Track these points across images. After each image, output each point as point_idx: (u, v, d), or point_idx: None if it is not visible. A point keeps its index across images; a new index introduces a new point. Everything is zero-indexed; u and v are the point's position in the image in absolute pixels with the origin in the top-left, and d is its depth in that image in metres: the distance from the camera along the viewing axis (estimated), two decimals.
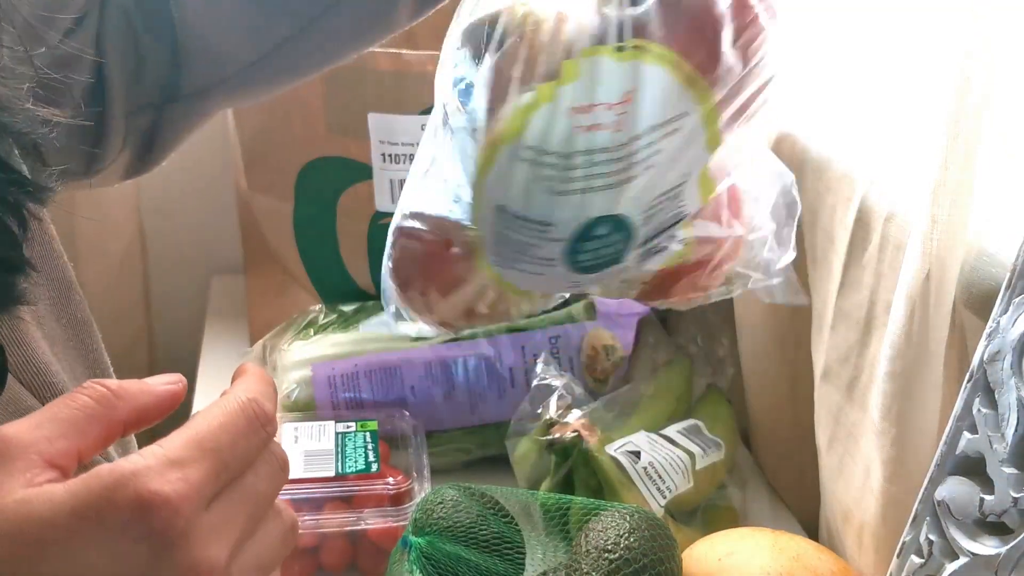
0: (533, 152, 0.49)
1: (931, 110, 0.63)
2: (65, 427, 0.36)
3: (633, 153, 0.50)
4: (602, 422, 0.88)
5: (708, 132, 0.52)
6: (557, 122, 0.49)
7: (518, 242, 0.52)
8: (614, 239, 0.53)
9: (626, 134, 0.50)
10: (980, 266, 0.62)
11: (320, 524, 0.81)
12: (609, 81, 0.49)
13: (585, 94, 0.49)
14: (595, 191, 0.50)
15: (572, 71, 0.49)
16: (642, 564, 0.68)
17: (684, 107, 0.51)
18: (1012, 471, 0.55)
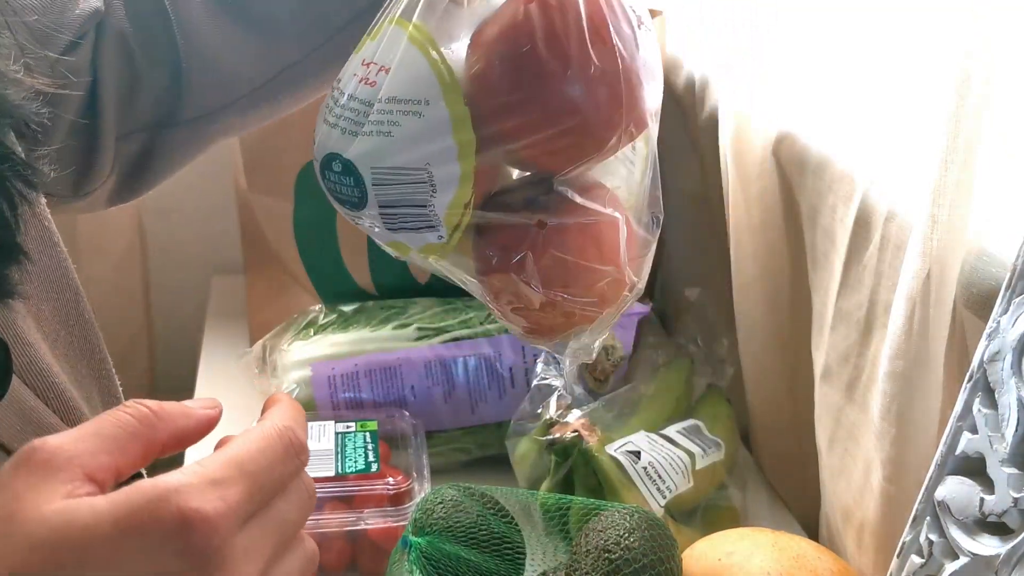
0: (331, 98, 0.58)
1: (931, 110, 0.63)
2: (108, 443, 0.37)
3: (368, 113, 0.56)
4: (602, 422, 0.88)
5: (456, 133, 0.56)
6: (352, 66, 0.57)
7: (334, 188, 0.59)
8: (345, 182, 0.59)
9: (372, 94, 0.56)
10: (980, 266, 0.62)
11: (320, 524, 0.81)
12: (390, 49, 0.56)
13: (373, 53, 0.56)
14: (338, 129, 0.57)
15: (377, 31, 0.56)
16: (642, 564, 0.68)
17: (427, 94, 0.56)
18: (1012, 471, 0.55)
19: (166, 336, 1.46)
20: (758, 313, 0.92)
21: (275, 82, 0.62)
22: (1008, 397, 0.55)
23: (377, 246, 0.62)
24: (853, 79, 0.80)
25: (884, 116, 0.77)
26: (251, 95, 0.62)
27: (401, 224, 0.59)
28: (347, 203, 0.59)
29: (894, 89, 0.76)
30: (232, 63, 0.61)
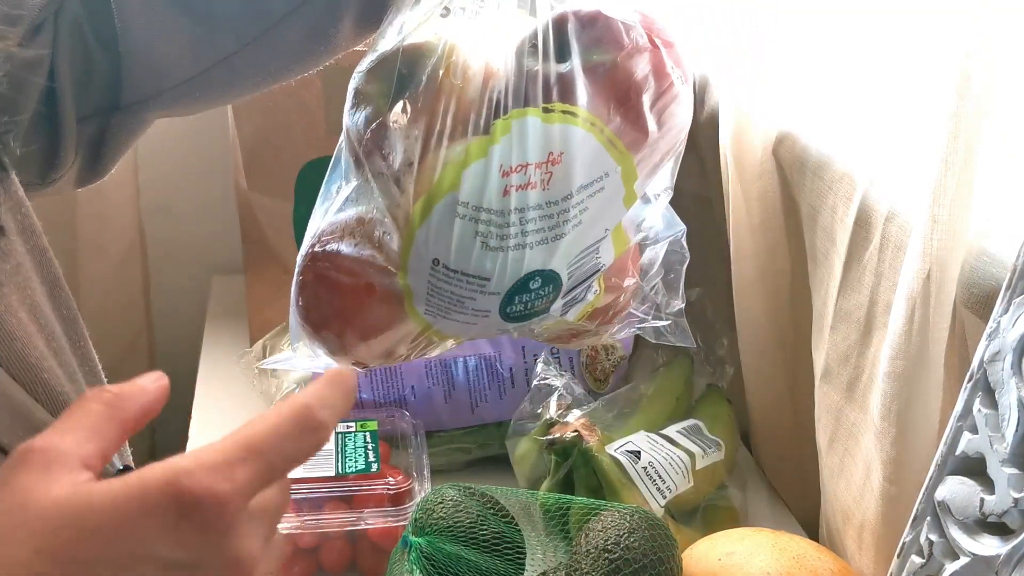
0: (469, 209, 0.51)
1: (931, 110, 0.63)
2: (88, 432, 0.39)
3: (565, 211, 0.53)
4: (602, 422, 0.88)
5: (626, 190, 0.55)
6: (490, 180, 0.51)
7: (453, 294, 0.54)
8: (545, 292, 0.55)
9: (558, 193, 0.52)
10: (980, 266, 0.62)
11: (320, 524, 0.81)
12: (538, 142, 0.52)
13: (516, 154, 0.51)
14: (530, 247, 0.53)
15: (503, 130, 0.51)
16: (642, 564, 0.68)
17: (606, 167, 0.54)
18: (1013, 471, 0.55)
19: (166, 336, 1.46)
20: (758, 313, 0.92)
21: (210, 73, 0.61)
22: (1008, 397, 0.55)
23: None
24: (853, 79, 0.80)
25: (884, 116, 0.77)
26: (185, 84, 0.61)
27: (572, 302, 0.58)
28: (536, 313, 0.56)
29: (894, 89, 0.76)
30: (165, 51, 0.60)
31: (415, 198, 0.52)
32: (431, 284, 0.53)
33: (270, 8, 0.60)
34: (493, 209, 0.51)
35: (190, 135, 1.30)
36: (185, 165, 1.36)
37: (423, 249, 0.52)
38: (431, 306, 0.55)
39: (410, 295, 0.55)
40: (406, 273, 0.53)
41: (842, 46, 0.81)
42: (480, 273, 0.52)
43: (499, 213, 0.51)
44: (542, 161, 0.51)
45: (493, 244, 0.52)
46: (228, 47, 0.61)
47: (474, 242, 0.52)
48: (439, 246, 0.52)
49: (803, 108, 0.84)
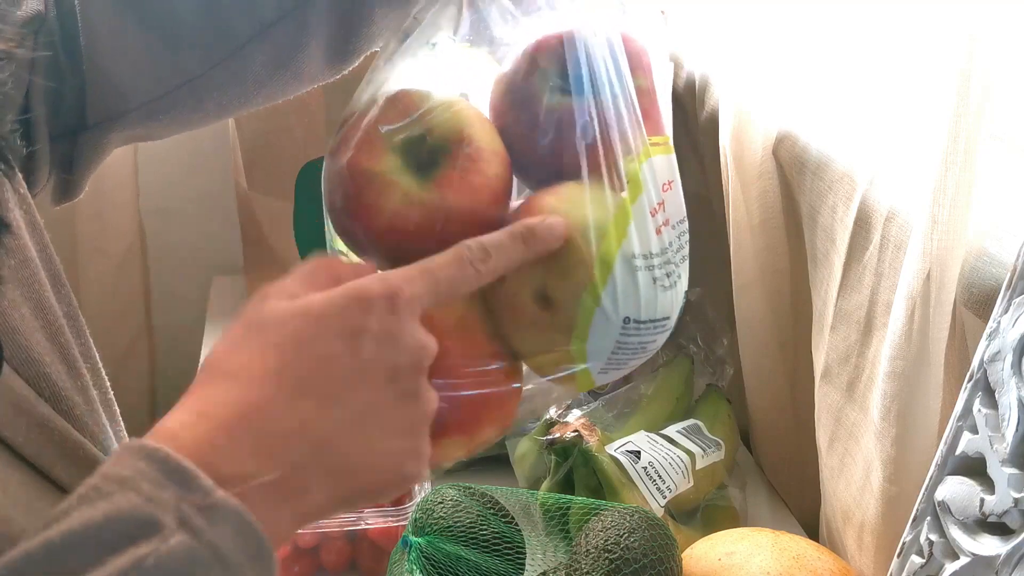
0: (642, 259, 0.52)
1: (931, 110, 0.63)
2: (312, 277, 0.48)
3: (685, 232, 0.55)
4: (602, 422, 0.88)
5: None
6: (648, 224, 0.52)
7: (640, 344, 0.54)
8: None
9: (677, 217, 0.54)
10: (980, 266, 0.62)
11: (320, 524, 0.81)
12: (660, 176, 0.53)
13: (654, 194, 0.53)
14: (682, 276, 0.55)
15: (638, 174, 0.52)
16: (642, 564, 0.68)
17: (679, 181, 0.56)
18: (1012, 471, 0.55)
19: (166, 336, 1.46)
20: (758, 313, 0.92)
21: (174, 95, 0.61)
22: (1008, 397, 0.55)
23: None
24: (853, 79, 0.80)
25: (884, 116, 0.77)
26: (149, 105, 0.61)
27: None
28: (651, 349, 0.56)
29: (894, 89, 0.76)
30: (129, 71, 0.60)
31: (590, 261, 0.51)
32: (619, 343, 0.53)
33: (235, 31, 0.59)
34: (656, 252, 0.52)
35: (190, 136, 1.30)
36: (185, 166, 1.36)
37: (612, 311, 0.52)
38: (611, 363, 0.54)
39: (583, 359, 0.54)
40: (585, 340, 0.53)
41: (842, 46, 0.81)
42: (664, 314, 0.54)
43: (661, 253, 0.53)
44: (663, 193, 0.53)
45: (666, 284, 0.53)
46: (192, 70, 0.61)
47: (655, 289, 0.52)
48: (628, 303, 0.52)
49: (803, 108, 0.84)
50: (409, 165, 0.52)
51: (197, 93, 0.62)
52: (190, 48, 0.60)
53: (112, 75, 0.60)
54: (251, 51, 0.60)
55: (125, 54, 0.59)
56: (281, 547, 0.46)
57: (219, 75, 0.61)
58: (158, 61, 0.60)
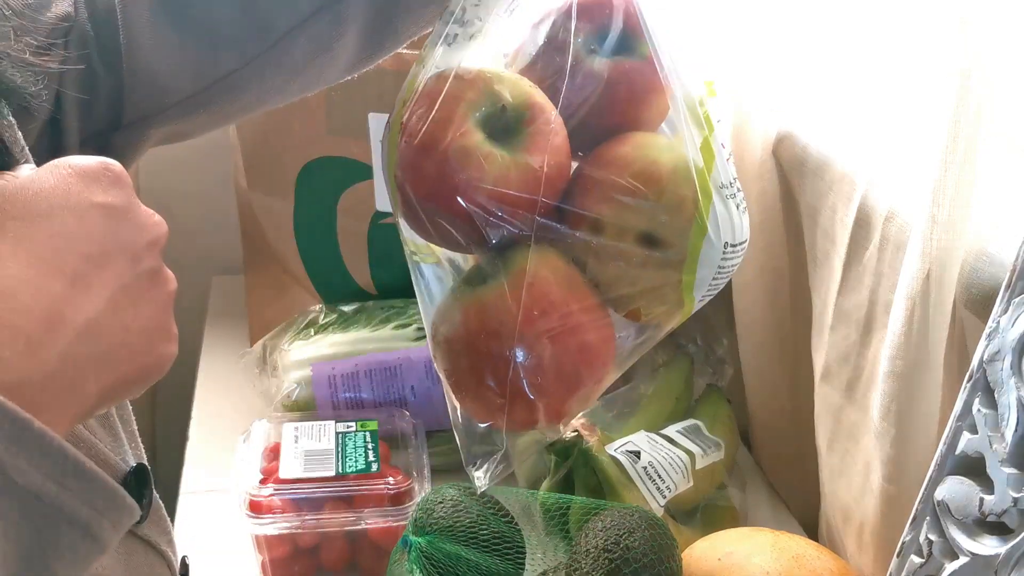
0: (726, 188, 0.57)
1: (931, 110, 0.63)
2: None
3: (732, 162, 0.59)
4: (602, 422, 0.88)
5: None
6: (723, 159, 0.57)
7: (732, 266, 0.59)
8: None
9: (730, 148, 0.59)
10: (980, 266, 0.62)
11: (320, 524, 0.81)
12: (717, 114, 0.58)
13: (719, 130, 0.57)
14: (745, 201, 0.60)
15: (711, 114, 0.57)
16: (642, 564, 0.68)
17: None
18: (1012, 471, 0.55)
19: None
20: (758, 313, 0.92)
21: (212, 89, 0.62)
22: (1008, 397, 0.55)
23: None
24: (853, 79, 0.80)
25: (884, 116, 0.77)
26: (187, 100, 0.62)
27: None
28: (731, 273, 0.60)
29: (894, 89, 0.76)
30: (168, 68, 0.60)
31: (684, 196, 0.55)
32: (720, 267, 0.57)
33: (273, 25, 0.60)
34: (732, 181, 0.57)
35: None
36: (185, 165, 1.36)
37: (716, 239, 0.56)
38: (710, 288, 0.59)
39: (691, 290, 0.58)
40: (695, 271, 0.57)
41: (842, 46, 0.81)
42: (745, 237, 0.58)
43: (734, 182, 0.57)
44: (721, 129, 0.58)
45: (743, 208, 0.58)
46: (231, 64, 0.61)
47: (740, 214, 0.57)
48: (726, 229, 0.56)
49: (803, 108, 0.84)
50: (495, 136, 0.55)
51: (236, 86, 0.62)
52: (229, 43, 0.60)
53: (151, 73, 0.60)
54: (289, 43, 0.61)
55: (164, 52, 0.60)
56: None
57: (257, 68, 0.61)
58: (197, 57, 0.60)
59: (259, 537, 0.81)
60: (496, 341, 0.56)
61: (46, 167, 0.43)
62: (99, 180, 0.43)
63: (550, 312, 0.56)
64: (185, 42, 0.60)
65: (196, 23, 0.60)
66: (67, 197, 0.42)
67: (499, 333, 0.56)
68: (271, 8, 0.60)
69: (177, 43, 0.60)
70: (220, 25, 0.60)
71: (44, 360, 0.39)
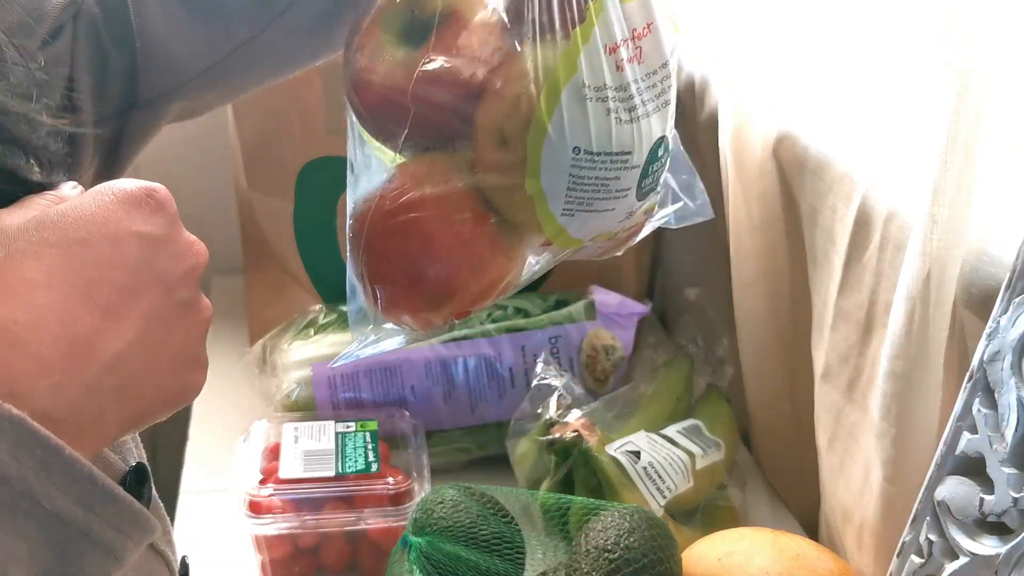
0: (592, 90, 0.53)
1: (931, 110, 0.63)
2: None
3: (667, 77, 0.56)
4: (602, 422, 0.88)
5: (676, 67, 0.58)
6: (601, 59, 0.53)
7: (598, 179, 0.54)
8: (664, 159, 0.57)
9: (656, 62, 0.55)
10: (980, 266, 0.62)
11: (320, 524, 0.81)
12: (626, 17, 0.54)
13: (618, 30, 0.54)
14: (652, 114, 0.55)
15: (597, 12, 0.53)
16: (642, 564, 0.68)
17: (672, 41, 0.57)
18: (1012, 471, 0.55)
19: None
20: (758, 313, 0.92)
21: (227, 61, 0.62)
22: (1008, 397, 0.55)
23: None
24: (853, 79, 0.80)
25: (884, 116, 0.77)
26: (203, 74, 0.62)
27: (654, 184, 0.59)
28: (655, 185, 0.58)
29: (894, 89, 0.76)
30: (179, 46, 0.61)
31: (536, 93, 0.52)
32: (573, 176, 0.54)
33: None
34: (613, 85, 0.53)
35: (190, 136, 1.30)
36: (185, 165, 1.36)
37: (559, 141, 0.53)
38: (571, 201, 0.55)
39: (542, 199, 0.55)
40: (538, 176, 0.54)
41: (842, 46, 0.81)
42: (622, 148, 0.54)
43: (620, 88, 0.53)
44: (631, 36, 0.54)
45: (624, 118, 0.54)
46: (243, 34, 0.61)
47: (609, 120, 0.53)
48: (577, 133, 0.53)
49: (803, 108, 0.84)
50: (402, 40, 0.55)
51: (250, 56, 0.62)
52: (238, 14, 0.61)
53: (165, 51, 0.60)
54: (296, 10, 0.61)
55: (176, 29, 0.60)
56: None
57: (270, 36, 0.62)
58: (208, 31, 0.61)
59: (259, 537, 0.81)
60: (357, 224, 0.57)
61: (90, 192, 0.43)
62: (141, 207, 0.43)
63: (403, 202, 0.55)
64: (195, 17, 0.60)
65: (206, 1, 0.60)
66: (106, 224, 0.42)
67: (363, 218, 0.57)
68: None
69: (187, 19, 0.60)
70: (230, 2, 0.60)
71: (70, 392, 0.39)
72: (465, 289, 0.57)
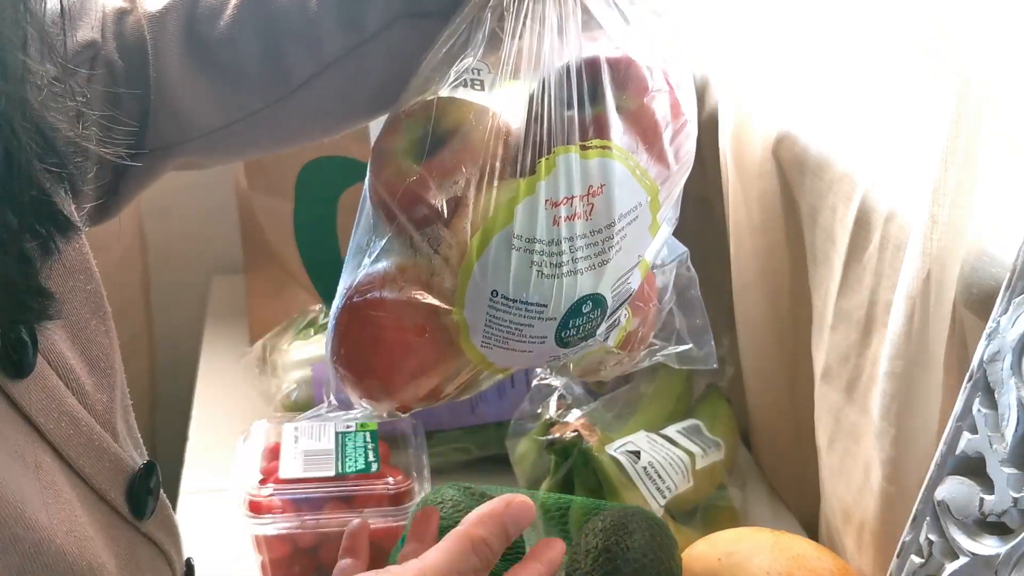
0: (523, 241, 0.55)
1: (931, 110, 0.63)
2: None
3: (609, 238, 0.57)
4: (602, 422, 0.88)
5: (652, 219, 0.60)
6: (540, 212, 0.55)
7: (512, 323, 0.57)
8: (594, 315, 0.59)
9: (601, 222, 0.57)
10: (980, 266, 0.62)
11: (320, 524, 0.81)
12: (579, 175, 0.56)
13: (563, 187, 0.55)
14: (580, 273, 0.57)
15: (548, 167, 0.55)
16: (642, 564, 0.68)
17: (639, 198, 0.58)
18: (1012, 471, 0.55)
19: (166, 336, 1.45)
20: (758, 313, 0.92)
21: (233, 127, 0.63)
22: (1008, 397, 0.55)
23: None
24: (853, 79, 0.80)
25: (884, 116, 0.77)
26: (209, 135, 0.63)
27: (612, 326, 0.62)
28: (586, 337, 0.60)
29: (894, 89, 0.76)
30: (193, 103, 0.62)
31: (472, 234, 0.56)
32: (490, 315, 0.57)
33: (297, 70, 0.61)
34: (545, 240, 0.55)
35: None
36: None
37: (481, 282, 0.56)
38: (488, 337, 0.58)
39: (466, 329, 0.58)
40: (463, 307, 0.57)
41: (842, 46, 0.81)
42: (539, 300, 0.56)
43: (551, 243, 0.56)
44: (584, 193, 0.56)
45: (547, 272, 0.56)
46: (253, 105, 0.63)
47: (530, 271, 0.56)
48: (497, 278, 0.56)
49: (803, 108, 0.84)
50: (414, 146, 0.58)
51: (256, 126, 0.64)
52: (253, 85, 0.62)
53: (177, 107, 0.62)
54: (310, 89, 0.62)
55: (191, 90, 0.62)
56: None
57: (279, 110, 0.63)
58: (222, 96, 0.62)
59: (259, 537, 0.81)
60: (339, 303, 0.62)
61: None
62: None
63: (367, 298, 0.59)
64: (212, 82, 0.62)
65: (223, 65, 0.62)
66: None
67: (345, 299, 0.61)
68: (295, 54, 0.61)
69: (204, 82, 0.62)
70: (245, 67, 0.62)
71: None
72: (404, 390, 0.61)
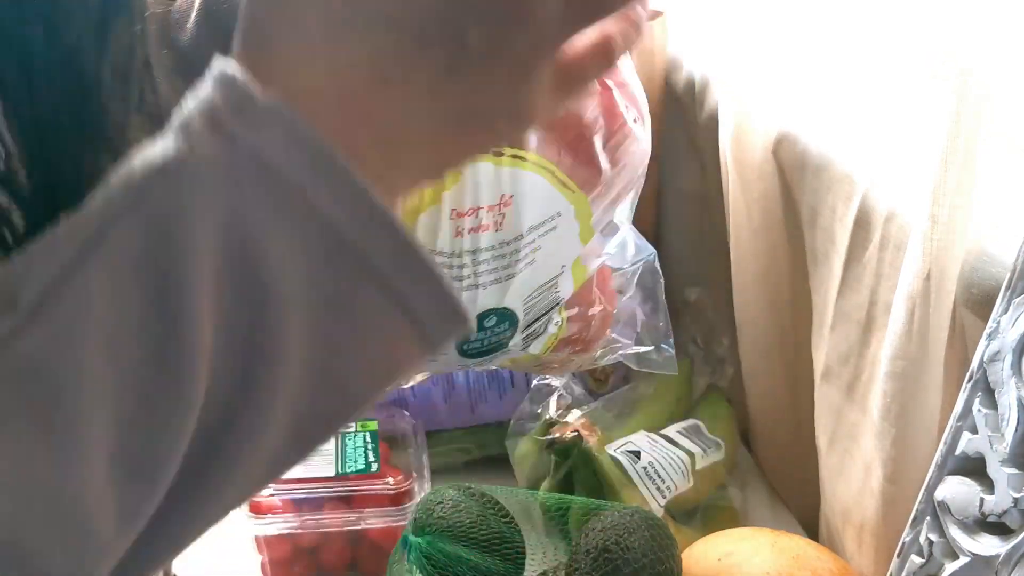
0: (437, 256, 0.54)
1: (931, 110, 0.63)
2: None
3: (517, 251, 0.55)
4: (602, 422, 0.88)
5: (581, 227, 0.57)
6: (443, 223, 0.53)
7: None
8: (500, 329, 0.58)
9: (509, 234, 0.54)
10: (980, 266, 0.62)
11: (320, 524, 0.81)
12: (488, 185, 0.53)
13: (468, 198, 0.53)
14: (483, 287, 0.55)
15: (454, 176, 0.52)
16: (642, 564, 0.68)
17: (558, 207, 0.55)
18: (1012, 471, 0.55)
19: None
20: (758, 313, 0.92)
21: None
22: (1008, 397, 0.55)
23: None
24: (853, 79, 0.80)
25: (884, 116, 0.77)
26: None
27: (532, 336, 0.60)
28: (494, 349, 0.58)
29: (894, 89, 0.76)
30: None
31: None
32: None
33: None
34: (445, 252, 0.53)
35: None
36: None
37: None
38: None
39: None
40: None
41: (842, 46, 0.81)
42: None
43: (452, 255, 0.53)
44: (494, 204, 0.53)
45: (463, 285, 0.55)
46: None
47: None
48: None
49: (803, 108, 0.84)
50: None
51: None
52: None
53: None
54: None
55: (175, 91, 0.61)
56: None
57: None
58: None
59: (259, 537, 0.81)
60: None
61: None
62: None
63: None
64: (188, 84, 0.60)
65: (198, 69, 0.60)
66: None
67: None
68: None
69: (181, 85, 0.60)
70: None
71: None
72: None
